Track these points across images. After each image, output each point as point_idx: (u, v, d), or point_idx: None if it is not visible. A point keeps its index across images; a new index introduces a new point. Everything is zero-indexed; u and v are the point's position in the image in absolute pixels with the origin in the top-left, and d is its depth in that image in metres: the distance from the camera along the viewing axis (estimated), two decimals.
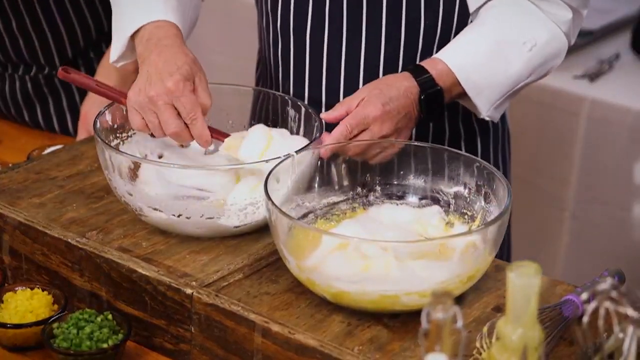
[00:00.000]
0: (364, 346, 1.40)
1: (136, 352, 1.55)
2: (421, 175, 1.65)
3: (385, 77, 1.71)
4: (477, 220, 1.59)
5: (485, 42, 1.73)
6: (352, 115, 1.64)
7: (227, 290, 1.50)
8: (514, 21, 1.75)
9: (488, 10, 1.76)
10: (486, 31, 1.74)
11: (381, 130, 1.64)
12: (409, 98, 1.67)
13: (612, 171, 2.69)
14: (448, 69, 1.70)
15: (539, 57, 1.75)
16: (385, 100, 1.65)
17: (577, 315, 1.44)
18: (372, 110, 1.64)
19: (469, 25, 1.77)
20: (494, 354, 1.24)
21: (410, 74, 1.69)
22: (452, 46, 1.74)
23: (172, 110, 1.61)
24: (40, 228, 1.63)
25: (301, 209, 1.62)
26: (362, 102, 1.65)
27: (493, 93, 1.74)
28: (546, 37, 1.75)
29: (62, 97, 2.29)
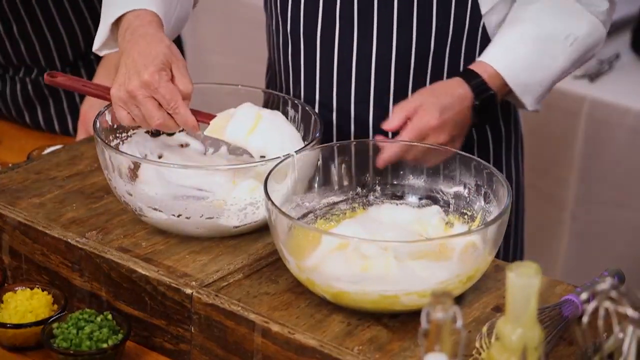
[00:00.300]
0: (363, 346, 1.40)
1: (136, 352, 1.55)
2: (421, 175, 1.65)
3: (439, 84, 1.72)
4: (476, 220, 1.59)
5: (529, 41, 1.74)
6: (410, 129, 1.64)
7: (227, 290, 1.50)
8: (554, 17, 1.76)
9: (527, 7, 1.77)
10: (528, 29, 1.75)
11: (437, 139, 1.66)
12: (463, 105, 1.69)
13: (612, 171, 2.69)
14: (496, 72, 1.72)
15: (580, 49, 1.77)
16: (441, 108, 1.66)
17: (577, 315, 1.44)
18: (429, 120, 1.65)
19: (509, 23, 1.77)
20: (493, 354, 1.24)
21: (462, 79, 1.70)
22: (497, 48, 1.74)
23: (152, 102, 1.60)
24: (40, 228, 1.63)
25: (301, 209, 1.62)
26: (418, 109, 1.65)
27: (538, 88, 1.76)
28: (586, 30, 1.77)
29: (63, 99, 2.29)
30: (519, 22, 1.76)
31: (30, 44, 2.23)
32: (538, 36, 1.74)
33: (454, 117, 1.67)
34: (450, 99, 1.68)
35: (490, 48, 1.75)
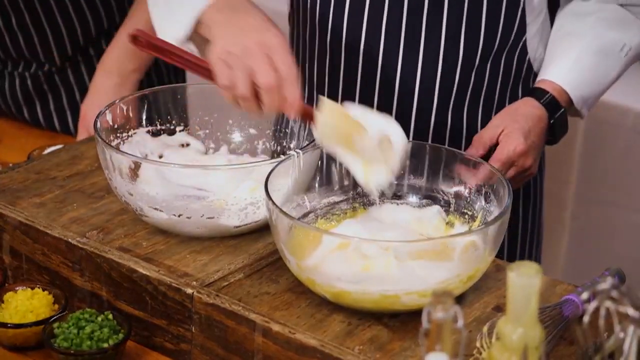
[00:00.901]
0: (364, 346, 1.40)
1: (136, 351, 1.55)
2: (421, 175, 1.65)
3: (515, 106, 1.73)
4: (477, 220, 1.59)
5: (589, 57, 1.76)
6: (498, 158, 1.65)
7: (228, 290, 1.50)
8: (610, 29, 1.78)
9: (582, 19, 1.78)
10: (588, 44, 1.77)
11: (524, 164, 1.67)
12: (542, 127, 1.71)
13: (612, 171, 2.69)
14: (562, 89, 1.73)
15: (633, 59, 1.81)
16: (525, 133, 1.67)
17: (578, 314, 1.44)
18: (516, 146, 1.66)
19: (565, 37, 1.78)
20: (494, 353, 1.24)
21: (534, 99, 1.72)
22: (560, 64, 1.76)
23: (269, 60, 1.45)
24: (41, 228, 1.63)
25: (302, 209, 1.62)
26: (502, 135, 1.66)
27: (593, 100, 1.80)
28: (639, 40, 1.79)
29: (62, 94, 2.29)
30: (578, 37, 1.77)
31: (29, 37, 2.23)
32: (597, 50, 1.77)
33: (537, 141, 1.70)
34: (532, 122, 1.69)
35: (553, 64, 1.77)
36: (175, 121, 1.79)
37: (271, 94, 1.47)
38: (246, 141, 1.80)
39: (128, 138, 1.73)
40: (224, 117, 1.80)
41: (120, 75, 2.13)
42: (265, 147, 1.80)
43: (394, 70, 1.77)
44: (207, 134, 1.80)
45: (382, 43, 1.76)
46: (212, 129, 1.79)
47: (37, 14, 2.21)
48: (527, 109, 1.71)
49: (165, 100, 1.79)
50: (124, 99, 1.73)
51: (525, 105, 1.72)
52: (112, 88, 2.12)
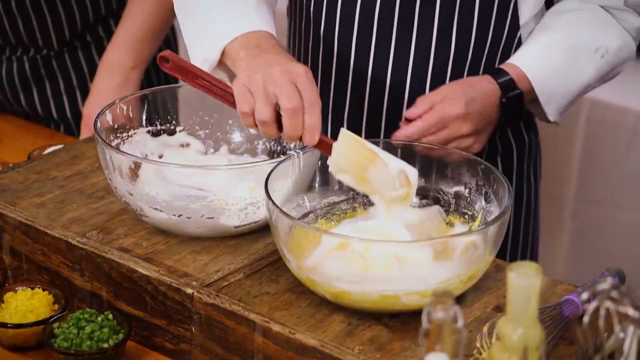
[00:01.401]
0: (364, 346, 1.40)
1: (136, 351, 1.55)
2: (421, 175, 1.64)
3: (468, 78, 1.72)
4: (477, 220, 1.59)
5: (559, 50, 1.74)
6: (432, 113, 1.63)
7: (228, 290, 1.50)
8: (586, 28, 1.75)
9: (559, 16, 1.76)
10: (560, 38, 1.74)
11: (460, 129, 1.64)
12: (490, 100, 1.68)
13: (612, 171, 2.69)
14: (524, 74, 1.71)
15: (609, 63, 1.76)
16: (467, 99, 1.65)
17: (578, 315, 1.44)
18: (453, 108, 1.63)
19: (541, 30, 1.76)
20: (494, 353, 1.24)
21: (491, 76, 1.70)
22: (527, 52, 1.74)
23: (294, 87, 1.46)
24: (41, 228, 1.63)
25: (302, 209, 1.62)
26: (443, 99, 1.64)
27: (562, 99, 1.75)
28: (617, 44, 1.76)
29: (59, 80, 2.29)
30: (551, 30, 1.75)
31: (28, 21, 2.24)
32: (568, 45, 1.74)
33: (480, 110, 1.67)
34: (479, 92, 1.67)
35: (521, 52, 1.74)
36: (175, 121, 1.79)
37: (294, 118, 1.47)
38: (246, 141, 1.81)
39: (128, 138, 1.73)
40: (224, 117, 1.80)
41: (121, 74, 2.13)
42: (265, 147, 1.80)
43: (385, 64, 1.77)
44: (207, 134, 1.80)
45: (374, 37, 1.76)
46: (212, 129, 1.79)
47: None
48: (477, 82, 1.70)
49: (165, 100, 1.79)
50: (124, 99, 1.73)
51: (478, 78, 1.71)
52: (114, 88, 2.12)
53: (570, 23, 1.75)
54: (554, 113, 1.76)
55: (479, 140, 1.68)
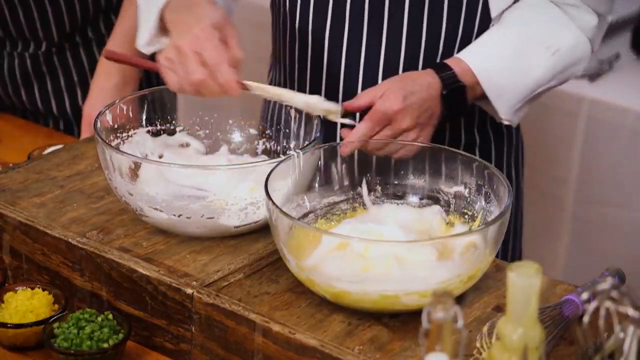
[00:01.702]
0: (364, 346, 1.40)
1: (136, 351, 1.55)
2: (421, 175, 1.65)
3: (408, 73, 1.71)
4: (477, 220, 1.59)
5: (509, 45, 1.72)
6: (373, 112, 1.63)
7: (228, 290, 1.50)
8: (538, 24, 1.74)
9: (512, 12, 1.75)
10: (510, 33, 1.73)
11: (401, 123, 1.63)
12: (430, 93, 1.66)
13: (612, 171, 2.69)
14: (469, 68, 1.70)
15: (561, 62, 1.74)
16: (406, 93, 1.64)
17: (578, 315, 1.44)
18: (392, 104, 1.63)
19: (493, 26, 1.75)
20: (494, 353, 1.24)
21: (433, 70, 1.69)
22: (475, 47, 1.73)
23: (197, 57, 1.58)
24: (41, 228, 1.63)
25: (301, 209, 1.62)
26: (383, 95, 1.64)
27: (514, 97, 1.73)
28: (570, 43, 1.74)
29: (60, 77, 2.29)
30: (503, 26, 1.74)
31: (29, 13, 2.24)
32: (518, 41, 1.72)
33: (420, 103, 1.65)
34: (418, 86, 1.66)
35: (470, 46, 1.73)
36: (175, 121, 1.79)
37: (206, 87, 1.60)
38: (246, 141, 1.81)
39: (128, 138, 1.73)
40: (224, 117, 1.80)
41: (120, 74, 2.13)
42: (265, 147, 1.80)
43: (357, 59, 1.78)
44: (207, 134, 1.80)
45: (346, 31, 1.78)
46: (212, 129, 1.79)
47: None
48: (418, 75, 1.69)
49: (165, 100, 1.79)
50: (124, 99, 1.74)
51: (419, 72, 1.70)
52: (114, 88, 2.12)
53: (522, 19, 1.74)
54: (505, 111, 1.74)
55: (423, 134, 1.67)
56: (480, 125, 1.86)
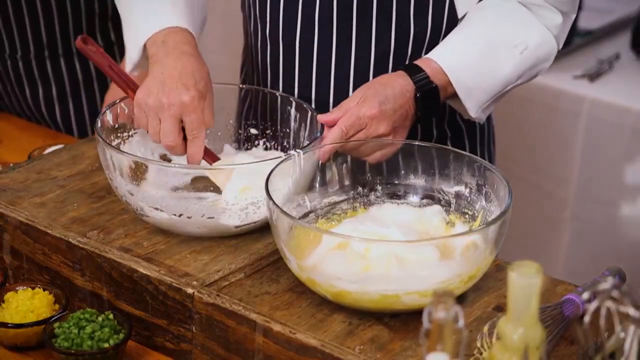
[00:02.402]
0: (365, 346, 1.40)
1: (137, 351, 1.55)
2: (422, 174, 1.65)
3: (380, 77, 1.70)
4: (478, 219, 1.59)
5: (477, 44, 1.72)
6: (348, 116, 1.63)
7: (228, 290, 1.50)
8: (505, 23, 1.74)
9: (479, 11, 1.75)
10: (478, 32, 1.74)
11: (377, 129, 1.64)
12: (405, 96, 1.66)
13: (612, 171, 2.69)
14: (440, 68, 1.69)
15: (529, 60, 1.74)
16: (381, 99, 1.64)
17: (578, 314, 1.44)
18: (367, 109, 1.63)
19: (460, 26, 1.76)
20: (495, 353, 1.24)
21: (405, 72, 1.69)
22: (444, 47, 1.73)
23: (176, 122, 1.61)
24: (41, 228, 1.63)
25: (302, 209, 1.62)
26: (358, 102, 1.64)
27: (482, 95, 1.73)
28: (537, 41, 1.74)
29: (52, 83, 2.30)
30: (470, 25, 1.74)
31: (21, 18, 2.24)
32: (487, 40, 1.72)
33: (394, 108, 1.65)
34: (391, 90, 1.66)
35: (439, 46, 1.73)
36: None
37: (173, 151, 1.63)
38: (246, 141, 1.80)
39: (129, 138, 1.73)
40: (224, 117, 1.80)
41: None
42: (265, 147, 1.80)
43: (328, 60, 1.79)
44: (207, 133, 1.80)
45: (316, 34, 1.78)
46: (212, 129, 1.79)
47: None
48: (390, 79, 1.68)
49: None
50: (124, 99, 1.73)
51: (390, 76, 1.70)
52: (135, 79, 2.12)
53: (489, 19, 1.74)
54: (474, 108, 1.74)
55: (397, 137, 1.67)
56: (450, 118, 1.87)
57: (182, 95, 1.60)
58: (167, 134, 1.61)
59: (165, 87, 1.61)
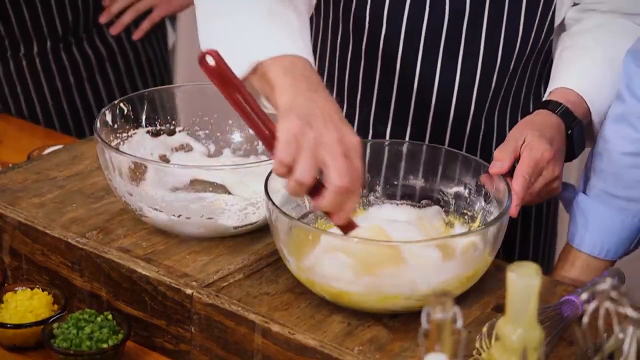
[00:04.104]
0: (364, 346, 1.40)
1: (136, 352, 1.55)
2: (421, 175, 1.65)
3: (530, 119, 1.63)
4: (477, 220, 1.59)
5: (599, 65, 1.69)
6: (526, 165, 1.53)
7: (227, 291, 1.50)
8: (619, 40, 1.70)
9: (586, 34, 1.73)
10: (597, 54, 1.70)
11: (553, 172, 1.58)
12: (562, 136, 1.61)
13: None
14: (577, 97, 1.66)
15: None
16: (549, 139, 1.57)
17: (577, 315, 1.44)
18: (543, 152, 1.55)
19: (574, 51, 1.73)
20: (494, 354, 1.24)
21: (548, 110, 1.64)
22: (570, 74, 1.69)
23: (346, 162, 1.33)
24: (41, 228, 1.63)
25: (301, 209, 1.61)
26: (525, 145, 1.56)
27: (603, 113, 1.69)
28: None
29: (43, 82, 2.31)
30: (586, 49, 1.71)
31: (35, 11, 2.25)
32: (608, 59, 1.69)
33: (561, 147, 1.61)
34: (552, 130, 1.59)
35: (564, 74, 1.69)
36: (175, 121, 1.79)
37: (339, 197, 1.34)
38: (246, 141, 1.80)
39: (128, 138, 1.73)
40: (224, 117, 1.79)
41: None
42: None
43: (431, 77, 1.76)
44: (207, 134, 1.80)
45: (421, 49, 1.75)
46: (212, 129, 1.79)
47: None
48: (544, 118, 1.62)
49: (165, 100, 1.79)
50: (124, 99, 1.73)
51: (540, 115, 1.64)
52: None
53: (602, 39, 1.72)
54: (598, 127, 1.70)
55: (561, 179, 1.62)
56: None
57: (351, 136, 1.34)
58: (342, 172, 1.32)
59: (327, 122, 1.34)
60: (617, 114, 1.61)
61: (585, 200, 1.67)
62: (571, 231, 1.70)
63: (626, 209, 1.63)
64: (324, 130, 1.33)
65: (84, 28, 2.30)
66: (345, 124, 1.36)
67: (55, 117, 2.33)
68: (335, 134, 1.33)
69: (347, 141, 1.34)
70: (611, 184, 1.63)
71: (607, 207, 1.64)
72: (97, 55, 2.34)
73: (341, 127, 1.35)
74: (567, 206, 1.73)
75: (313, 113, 1.34)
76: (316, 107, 1.35)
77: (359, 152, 1.35)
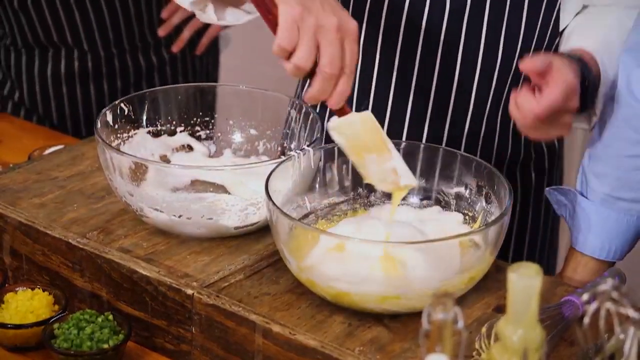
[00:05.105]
0: (364, 347, 1.40)
1: (137, 352, 1.55)
2: (422, 175, 1.65)
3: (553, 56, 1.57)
4: (478, 220, 1.59)
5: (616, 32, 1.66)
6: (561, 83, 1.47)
7: (228, 291, 1.50)
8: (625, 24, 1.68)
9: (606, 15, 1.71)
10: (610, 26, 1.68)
11: (573, 104, 1.51)
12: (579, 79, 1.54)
13: None
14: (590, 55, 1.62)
15: None
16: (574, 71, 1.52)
17: (578, 316, 1.44)
18: (573, 78, 1.49)
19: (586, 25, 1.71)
20: (494, 354, 1.24)
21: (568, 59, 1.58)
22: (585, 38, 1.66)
23: (340, 48, 1.39)
24: (41, 228, 1.63)
25: (302, 210, 1.62)
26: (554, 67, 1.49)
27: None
28: None
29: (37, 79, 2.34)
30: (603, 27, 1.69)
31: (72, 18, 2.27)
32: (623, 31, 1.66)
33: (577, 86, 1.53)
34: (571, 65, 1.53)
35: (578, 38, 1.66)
36: (175, 122, 1.79)
37: (328, 83, 1.41)
38: (247, 142, 1.81)
39: (128, 139, 1.73)
40: (224, 117, 1.80)
41: None
42: (266, 147, 1.80)
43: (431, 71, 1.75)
44: (208, 134, 1.80)
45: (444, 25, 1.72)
46: (213, 130, 1.79)
47: None
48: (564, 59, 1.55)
49: (166, 100, 1.79)
50: (124, 100, 1.74)
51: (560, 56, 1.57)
52: None
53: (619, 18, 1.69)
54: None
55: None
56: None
57: (349, 21, 1.40)
58: (334, 59, 1.38)
59: (325, 7, 1.39)
60: (618, 116, 1.60)
61: (587, 204, 1.67)
62: (574, 235, 1.70)
63: (630, 209, 1.63)
64: (322, 15, 1.38)
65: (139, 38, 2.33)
66: (341, 9, 1.42)
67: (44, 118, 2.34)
68: (334, 19, 1.39)
69: (346, 27, 1.40)
70: (616, 187, 1.63)
71: (611, 209, 1.64)
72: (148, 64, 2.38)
73: (338, 11, 1.40)
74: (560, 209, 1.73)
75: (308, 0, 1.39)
76: None
77: (357, 36, 1.42)
